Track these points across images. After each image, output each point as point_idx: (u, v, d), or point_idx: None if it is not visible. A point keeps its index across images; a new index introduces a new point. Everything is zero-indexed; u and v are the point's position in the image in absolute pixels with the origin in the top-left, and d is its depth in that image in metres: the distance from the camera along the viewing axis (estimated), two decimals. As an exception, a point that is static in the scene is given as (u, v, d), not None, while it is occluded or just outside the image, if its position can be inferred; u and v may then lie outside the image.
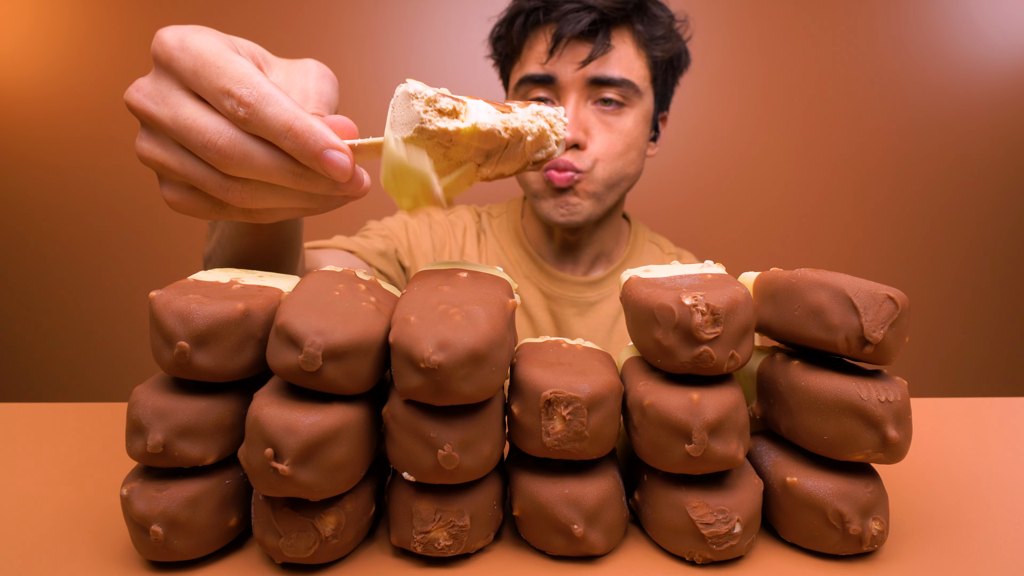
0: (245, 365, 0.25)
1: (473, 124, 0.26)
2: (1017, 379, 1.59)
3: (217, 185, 0.28)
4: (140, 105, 0.29)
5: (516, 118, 0.27)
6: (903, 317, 0.25)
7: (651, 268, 0.29)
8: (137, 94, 0.29)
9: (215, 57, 0.27)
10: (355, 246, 0.70)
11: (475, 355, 0.22)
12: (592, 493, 0.26)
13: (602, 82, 0.68)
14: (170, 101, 0.28)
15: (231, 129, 0.27)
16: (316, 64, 0.31)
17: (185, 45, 0.27)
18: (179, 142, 0.28)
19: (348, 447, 0.23)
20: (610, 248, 0.81)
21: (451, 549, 0.25)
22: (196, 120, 0.27)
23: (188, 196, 0.30)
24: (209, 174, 0.28)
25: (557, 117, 0.29)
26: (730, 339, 0.25)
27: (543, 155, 0.30)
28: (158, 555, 0.24)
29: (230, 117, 0.27)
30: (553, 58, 0.68)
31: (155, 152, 0.29)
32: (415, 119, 0.25)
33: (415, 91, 0.25)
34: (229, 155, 0.27)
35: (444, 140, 0.26)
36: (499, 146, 0.27)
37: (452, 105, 0.26)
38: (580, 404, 0.24)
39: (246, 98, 0.26)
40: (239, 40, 0.30)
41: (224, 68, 0.26)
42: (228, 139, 0.27)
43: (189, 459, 0.24)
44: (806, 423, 0.26)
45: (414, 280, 0.28)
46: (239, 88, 0.26)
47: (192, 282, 0.27)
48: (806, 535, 0.26)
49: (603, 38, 0.67)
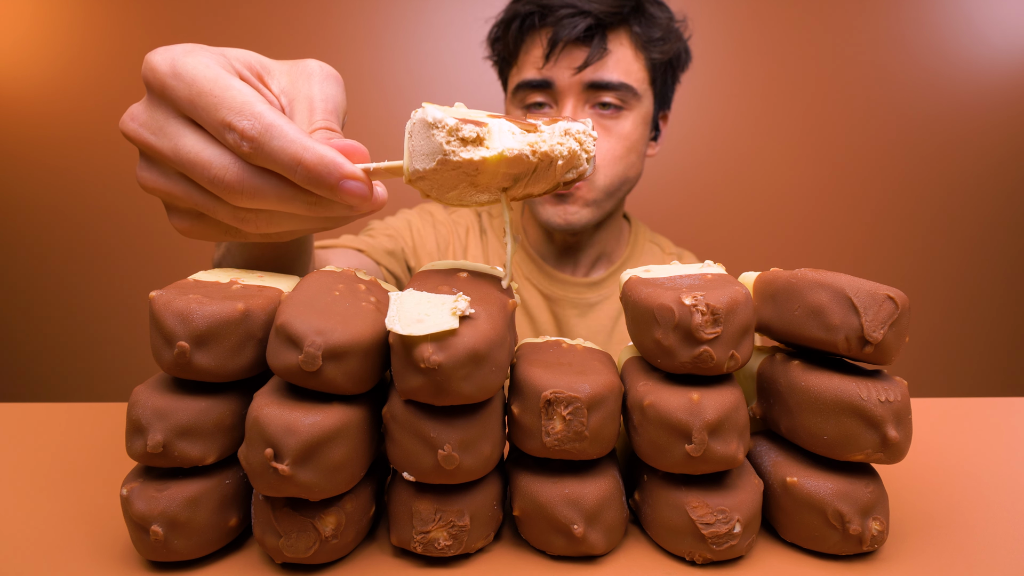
0: (245, 365, 0.25)
1: (500, 152, 0.24)
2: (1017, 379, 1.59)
3: (229, 215, 0.27)
4: (137, 135, 0.27)
5: (544, 140, 0.26)
6: (903, 317, 0.25)
7: (651, 268, 0.29)
8: (133, 123, 0.27)
9: (211, 85, 0.25)
10: (364, 245, 0.69)
11: (475, 355, 0.22)
12: (592, 493, 0.26)
13: (600, 86, 0.68)
14: (168, 132, 0.26)
15: (237, 162, 0.25)
16: (319, 65, 0.30)
17: (177, 71, 0.25)
18: (183, 174, 0.27)
19: (348, 447, 0.23)
20: (611, 249, 0.81)
21: (451, 549, 0.25)
22: (199, 154, 0.26)
23: (198, 223, 0.29)
24: (220, 205, 0.27)
25: (586, 133, 0.28)
26: (730, 339, 0.25)
27: (574, 175, 0.28)
28: (158, 555, 0.24)
29: (234, 150, 0.25)
30: (550, 63, 0.68)
31: (158, 182, 0.28)
32: (437, 150, 0.24)
33: (434, 120, 0.24)
34: (239, 191, 0.26)
35: (470, 170, 0.25)
36: (527, 170, 0.26)
37: (475, 132, 0.24)
38: (580, 404, 0.24)
39: (249, 131, 0.24)
40: (233, 52, 0.29)
41: (222, 98, 0.25)
42: (235, 174, 0.25)
43: (189, 459, 0.24)
44: (806, 423, 0.26)
45: (414, 280, 0.28)
46: (240, 120, 0.24)
47: (192, 282, 0.27)
48: (806, 535, 0.26)
49: (599, 42, 0.66)
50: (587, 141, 0.28)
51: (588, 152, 0.28)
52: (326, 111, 0.28)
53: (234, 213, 0.27)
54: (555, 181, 0.28)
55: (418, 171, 0.25)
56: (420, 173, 0.25)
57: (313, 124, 0.27)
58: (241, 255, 0.41)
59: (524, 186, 0.27)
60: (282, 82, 0.30)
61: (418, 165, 0.25)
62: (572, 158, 0.27)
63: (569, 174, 0.28)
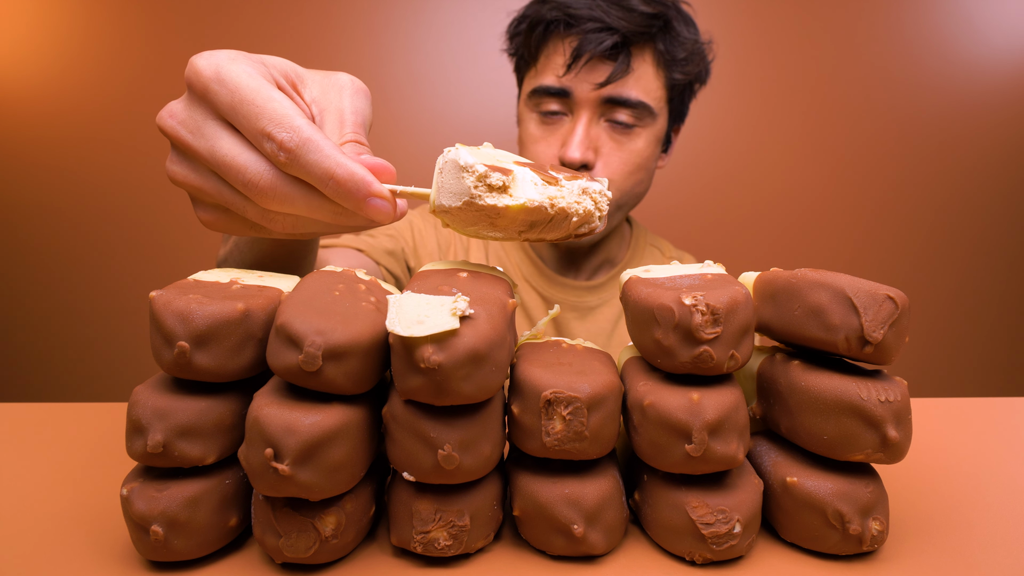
0: (245, 365, 0.25)
1: (522, 203, 0.27)
2: (1017, 379, 1.59)
3: (258, 215, 0.29)
4: (175, 132, 0.29)
5: (563, 196, 0.28)
6: (903, 317, 0.25)
7: (651, 268, 0.29)
8: (171, 120, 0.29)
9: (253, 94, 0.26)
10: (364, 245, 0.69)
11: (475, 355, 0.22)
12: (592, 493, 0.26)
13: (618, 102, 0.67)
14: (206, 132, 0.28)
15: (272, 170, 0.27)
16: (350, 79, 0.31)
17: (221, 77, 0.27)
18: (216, 174, 0.28)
19: (348, 447, 0.23)
20: (613, 254, 0.81)
21: (451, 549, 0.25)
22: (236, 157, 0.27)
23: (224, 217, 0.30)
24: (249, 204, 0.29)
25: (602, 193, 0.30)
26: (730, 339, 0.25)
27: (586, 230, 0.30)
28: (158, 555, 0.24)
29: (270, 158, 0.27)
30: (570, 74, 0.67)
31: (189, 177, 0.29)
32: (465, 192, 0.26)
33: (466, 164, 0.26)
34: (270, 196, 0.27)
35: (492, 214, 0.27)
36: (544, 219, 0.28)
37: (502, 181, 0.26)
38: (580, 404, 0.24)
39: (287, 143, 0.26)
40: (272, 60, 0.30)
41: (263, 108, 0.26)
42: (269, 180, 0.27)
43: (189, 459, 0.24)
44: (806, 423, 0.26)
45: (414, 280, 0.28)
46: (279, 132, 0.26)
47: (192, 282, 0.27)
48: (806, 535, 0.26)
49: (624, 60, 0.65)
50: (602, 201, 0.30)
51: (602, 211, 0.30)
52: (355, 124, 0.29)
53: (262, 213, 0.29)
54: (568, 232, 0.30)
55: (443, 206, 0.27)
56: (446, 208, 0.27)
57: (343, 136, 0.29)
58: (251, 251, 0.41)
59: (539, 232, 0.29)
60: (314, 92, 0.31)
61: (445, 202, 0.27)
62: (587, 216, 0.29)
63: (582, 228, 0.30)
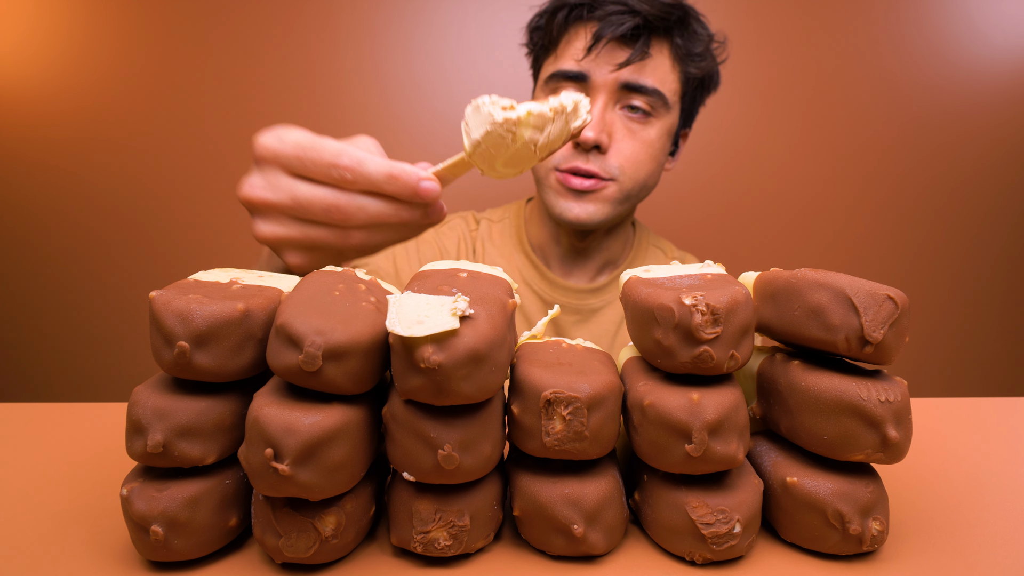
0: (245, 365, 0.25)
1: (528, 110, 0.33)
2: (1017, 379, 1.59)
3: (339, 237, 0.36)
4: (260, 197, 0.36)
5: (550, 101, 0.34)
6: (903, 317, 0.25)
7: (651, 268, 0.29)
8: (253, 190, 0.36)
9: (311, 143, 0.35)
10: None
11: (475, 355, 0.22)
12: (592, 493, 0.26)
13: (634, 88, 0.68)
14: (283, 186, 0.35)
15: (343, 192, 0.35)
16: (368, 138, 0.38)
17: (283, 139, 0.36)
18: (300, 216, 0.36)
19: (348, 447, 0.23)
20: (616, 255, 0.81)
21: (451, 549, 0.25)
22: (314, 193, 0.35)
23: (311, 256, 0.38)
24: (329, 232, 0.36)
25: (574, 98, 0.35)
26: (730, 339, 0.25)
27: (580, 123, 0.36)
28: (158, 555, 0.24)
29: (337, 184, 0.35)
30: (590, 57, 0.68)
31: (278, 231, 0.37)
32: (486, 119, 0.32)
33: (481, 101, 0.32)
34: (350, 212, 0.35)
35: (511, 127, 0.32)
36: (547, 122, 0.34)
37: (510, 102, 0.33)
38: (580, 404, 0.24)
39: (349, 165, 0.34)
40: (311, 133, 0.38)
41: (322, 149, 0.34)
42: (345, 199, 0.35)
43: (189, 459, 0.24)
44: (806, 423, 0.26)
45: (413, 280, 0.28)
46: (341, 159, 0.34)
47: (192, 282, 0.27)
48: (806, 535, 0.26)
49: (643, 44, 0.67)
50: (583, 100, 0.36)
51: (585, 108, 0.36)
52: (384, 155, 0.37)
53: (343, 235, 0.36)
54: (568, 132, 0.36)
55: (475, 140, 0.33)
56: (476, 141, 0.33)
57: None
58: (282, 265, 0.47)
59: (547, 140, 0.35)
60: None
61: (475, 135, 0.33)
62: (576, 107, 0.35)
63: (576, 123, 0.36)
